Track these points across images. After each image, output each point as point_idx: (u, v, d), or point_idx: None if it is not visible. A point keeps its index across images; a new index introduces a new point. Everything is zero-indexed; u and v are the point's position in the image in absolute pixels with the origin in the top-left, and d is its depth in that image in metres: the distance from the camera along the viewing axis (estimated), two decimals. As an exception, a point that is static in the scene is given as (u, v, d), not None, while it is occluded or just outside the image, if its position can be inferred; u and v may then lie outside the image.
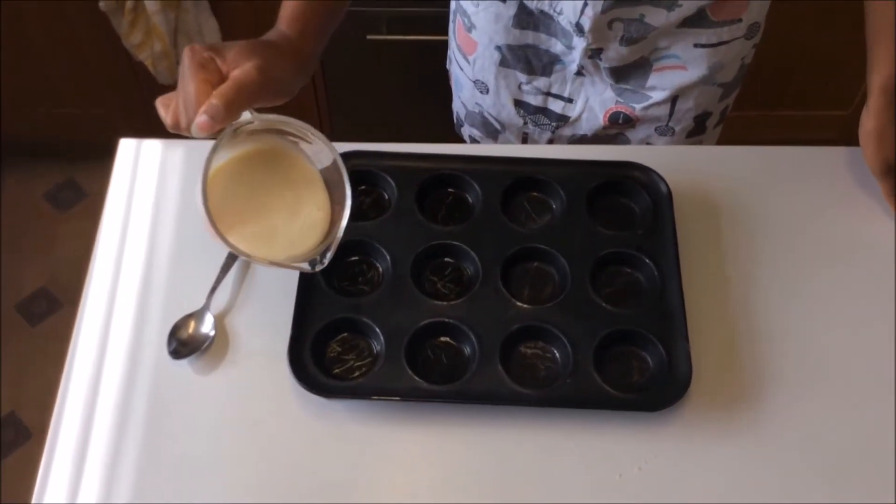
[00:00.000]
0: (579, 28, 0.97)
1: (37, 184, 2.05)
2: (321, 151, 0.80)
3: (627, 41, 0.98)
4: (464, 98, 1.20)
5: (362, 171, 0.98)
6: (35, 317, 1.88)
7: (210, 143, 0.75)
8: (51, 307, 1.89)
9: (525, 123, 1.16)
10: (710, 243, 0.97)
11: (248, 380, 0.87)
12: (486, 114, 1.18)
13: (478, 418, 0.85)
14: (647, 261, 0.92)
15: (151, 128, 0.93)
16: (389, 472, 0.83)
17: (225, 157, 0.78)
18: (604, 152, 1.03)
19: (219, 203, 0.75)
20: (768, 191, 1.01)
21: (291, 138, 0.80)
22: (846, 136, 1.04)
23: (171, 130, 0.78)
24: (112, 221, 0.97)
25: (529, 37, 1.03)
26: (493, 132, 1.21)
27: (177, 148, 1.03)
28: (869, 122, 0.95)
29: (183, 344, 0.87)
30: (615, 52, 1.00)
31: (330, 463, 0.83)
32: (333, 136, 0.82)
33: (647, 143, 1.13)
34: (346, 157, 0.97)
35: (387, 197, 0.98)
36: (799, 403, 0.86)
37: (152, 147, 1.03)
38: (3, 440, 1.71)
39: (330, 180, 0.82)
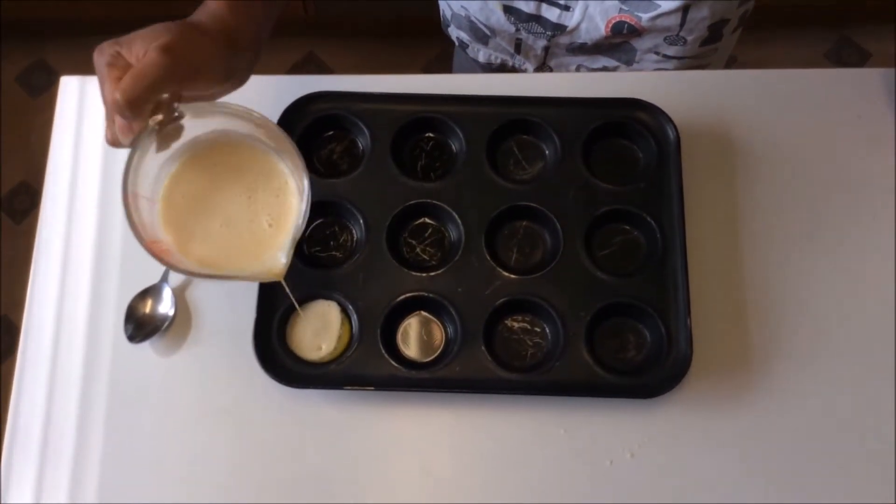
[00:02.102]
0: None
1: (7, 67, 1.92)
2: (268, 131, 0.70)
3: None
4: None
5: (331, 115, 0.87)
6: (19, 214, 1.82)
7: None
8: (34, 202, 1.81)
9: (517, 30, 1.02)
10: (720, 191, 0.87)
11: (214, 360, 0.81)
12: (473, 18, 1.04)
13: (461, 403, 0.79)
14: (649, 220, 0.83)
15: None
16: (367, 462, 0.78)
17: (157, 160, 0.67)
18: (603, 82, 0.92)
19: (171, 218, 0.68)
20: (790, 124, 0.89)
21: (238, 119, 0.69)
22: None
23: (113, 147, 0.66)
24: (57, 181, 0.88)
25: None
26: (482, 37, 1.07)
27: (124, 87, 0.92)
28: None
29: (141, 326, 0.81)
30: None
31: (303, 451, 0.79)
32: (317, 36, 0.71)
33: (655, 53, 1.00)
34: (312, 98, 0.87)
35: (360, 146, 0.87)
36: (805, 385, 0.80)
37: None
38: (1, 345, 1.69)
39: (285, 163, 0.72)
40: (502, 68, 1.11)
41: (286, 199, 0.71)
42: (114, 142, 0.65)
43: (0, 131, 1.87)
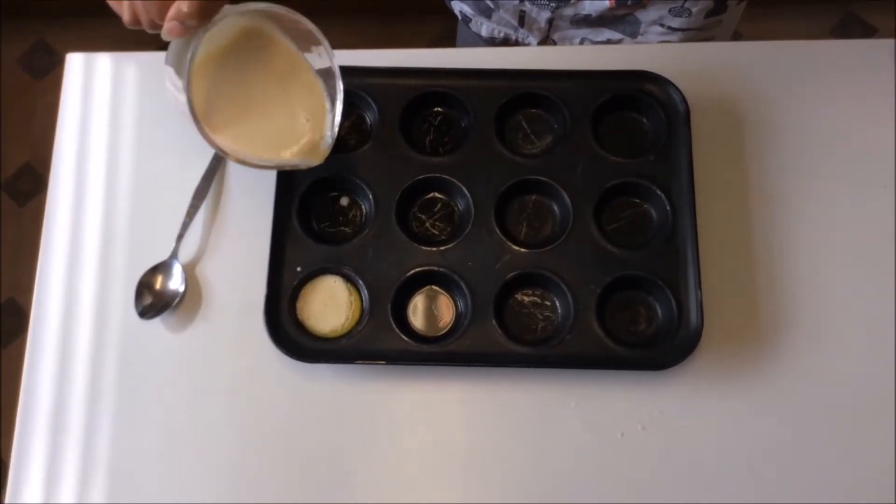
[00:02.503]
0: None
1: (8, 49, 1.91)
2: (310, 38, 0.73)
3: None
4: None
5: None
6: (22, 196, 1.81)
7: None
8: (38, 185, 1.81)
9: (521, 1, 1.01)
10: (729, 163, 0.86)
11: (225, 336, 0.81)
12: None
13: (472, 376, 0.79)
14: (659, 192, 0.82)
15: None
16: (378, 436, 0.79)
17: (203, 50, 0.70)
18: (608, 54, 0.91)
19: (202, 102, 0.71)
20: (799, 95, 0.88)
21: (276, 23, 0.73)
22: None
23: (130, 27, 0.69)
24: (64, 158, 0.88)
25: None
26: (485, 10, 1.07)
27: (130, 63, 0.92)
28: None
29: (151, 303, 0.81)
30: None
31: (314, 426, 0.79)
32: (319, 13, 0.73)
33: (660, 25, 0.99)
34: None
35: (368, 121, 0.87)
36: (817, 356, 0.80)
37: (102, 64, 0.92)
38: (4, 328, 1.69)
39: (319, 69, 0.76)
40: (505, 42, 1.10)
41: (319, 95, 0.76)
42: (133, 23, 0.68)
43: (1, 113, 1.86)
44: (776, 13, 1.82)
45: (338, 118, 0.77)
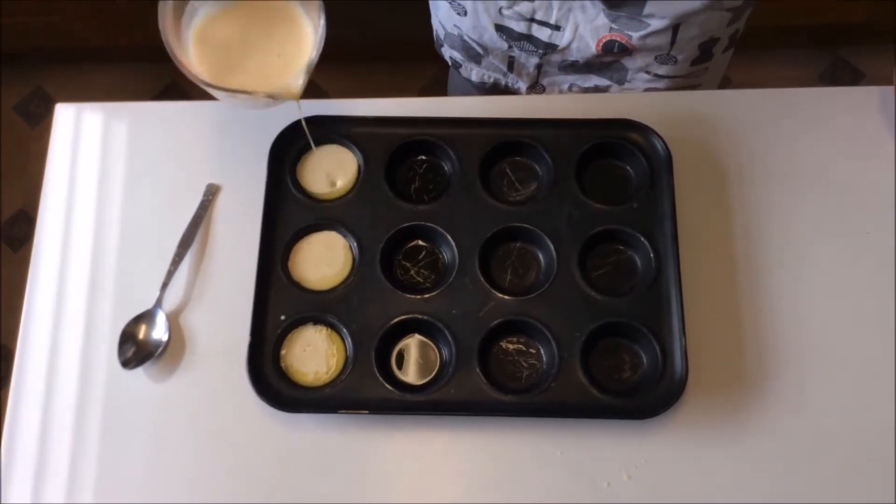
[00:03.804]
0: None
1: (6, 96, 1.93)
2: None
3: None
4: (441, 18, 1.07)
5: (325, 140, 0.88)
6: (17, 242, 1.82)
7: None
8: (32, 230, 1.81)
9: (510, 47, 1.03)
10: (713, 210, 0.87)
11: (208, 384, 0.81)
12: (465, 37, 1.05)
13: (457, 425, 0.79)
14: (643, 239, 0.83)
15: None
16: (362, 486, 0.78)
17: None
18: (594, 102, 0.92)
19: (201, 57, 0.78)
20: (782, 144, 0.89)
21: None
22: (874, 19, 0.90)
23: None
24: (51, 207, 0.89)
25: None
26: (475, 56, 1.08)
27: (118, 114, 0.93)
28: None
29: (135, 353, 0.81)
30: None
31: (298, 476, 0.78)
32: None
33: (647, 72, 1.00)
34: (306, 122, 0.87)
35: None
36: (803, 403, 0.79)
37: (92, 114, 0.93)
38: (-3, 374, 1.69)
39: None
40: (495, 87, 1.11)
41: (301, 37, 0.80)
42: None
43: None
44: (764, 59, 1.85)
45: (315, 54, 0.78)
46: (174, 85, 1.92)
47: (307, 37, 0.80)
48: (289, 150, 0.87)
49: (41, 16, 1.71)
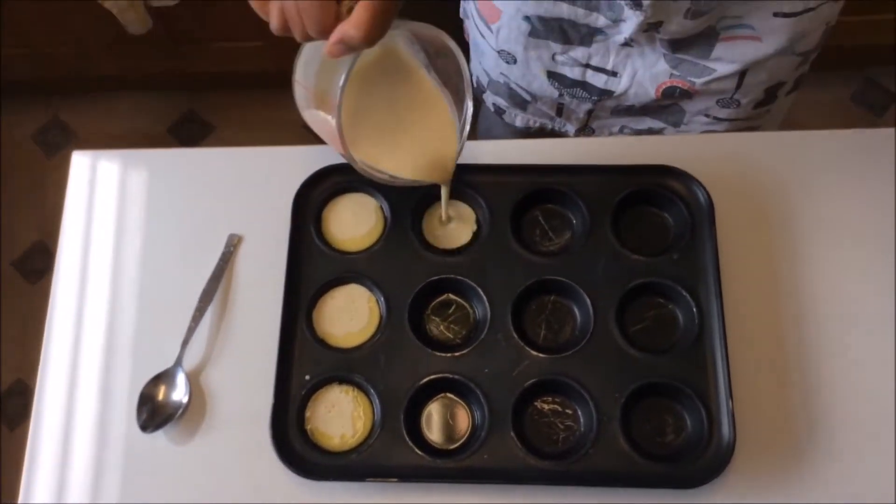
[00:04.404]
0: (635, 1, 0.79)
1: (22, 126, 1.91)
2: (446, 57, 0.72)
3: (694, 14, 0.80)
4: (486, 66, 1.02)
5: (349, 188, 0.84)
6: (33, 274, 1.80)
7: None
8: (48, 262, 1.79)
9: (560, 95, 0.98)
10: (760, 260, 0.82)
11: (230, 449, 0.78)
12: (513, 85, 1.00)
13: (490, 492, 0.75)
14: (684, 293, 0.79)
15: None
16: (391, 557, 0.74)
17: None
18: (631, 147, 0.88)
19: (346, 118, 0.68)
20: (835, 189, 0.85)
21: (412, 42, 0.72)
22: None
23: (276, 34, 0.64)
24: (68, 262, 0.86)
25: (564, 9, 0.84)
26: (521, 102, 1.03)
27: (136, 161, 0.90)
28: None
29: (154, 414, 0.77)
30: (678, 26, 0.82)
31: (325, 546, 0.74)
32: None
33: (706, 115, 0.95)
34: (327, 171, 0.84)
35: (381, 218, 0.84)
36: (860, 470, 0.75)
37: (109, 163, 0.90)
38: (11, 411, 1.66)
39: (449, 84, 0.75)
40: (541, 131, 1.07)
41: (444, 114, 0.75)
42: (282, 30, 0.63)
43: (16, 190, 1.86)
44: (795, 81, 1.80)
45: (465, 135, 0.76)
46: (191, 113, 1.90)
47: (444, 108, 0.75)
48: (313, 198, 0.84)
49: (58, 45, 1.69)
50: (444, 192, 0.80)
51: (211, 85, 1.88)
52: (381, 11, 0.58)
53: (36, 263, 1.80)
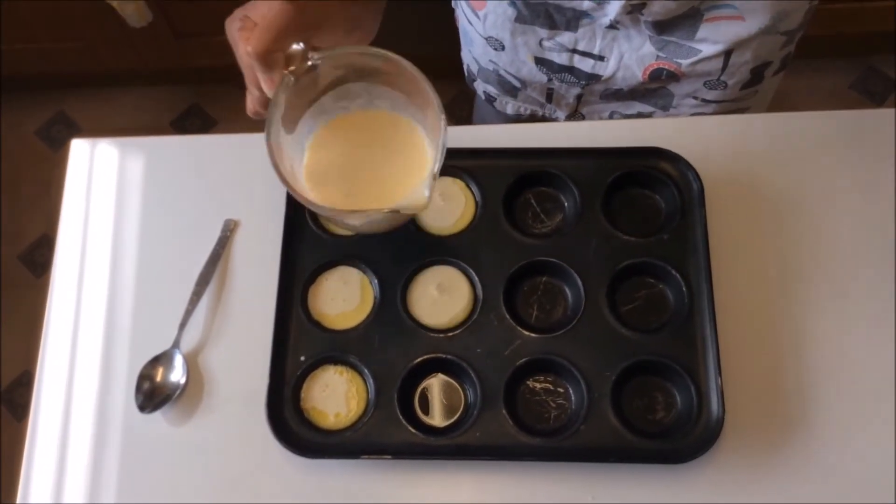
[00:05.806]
0: None
1: (28, 121, 1.93)
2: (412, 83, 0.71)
3: None
4: (475, 53, 1.03)
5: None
6: (39, 267, 1.82)
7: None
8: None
9: (549, 80, 0.99)
10: (749, 240, 0.83)
11: (227, 427, 0.79)
12: (502, 72, 1.01)
13: (483, 469, 0.76)
14: (675, 273, 0.79)
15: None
16: (386, 533, 0.75)
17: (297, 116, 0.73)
18: (622, 131, 0.88)
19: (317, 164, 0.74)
20: (824, 170, 0.85)
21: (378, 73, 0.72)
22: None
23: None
24: (67, 245, 0.87)
25: None
26: (511, 90, 1.04)
27: (134, 148, 0.91)
28: None
29: (152, 396, 0.79)
30: (661, 7, 0.83)
31: (320, 523, 0.76)
32: None
33: (694, 98, 0.96)
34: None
35: (373, 202, 0.85)
36: (848, 446, 0.75)
37: (107, 149, 0.91)
38: (17, 402, 1.68)
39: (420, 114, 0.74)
40: (532, 118, 1.08)
41: (421, 150, 0.75)
42: (255, 112, 0.70)
43: (21, 184, 1.88)
44: (794, 70, 1.80)
45: (437, 169, 0.70)
46: (195, 107, 1.92)
47: (421, 145, 0.75)
48: (307, 183, 0.85)
49: (62, 41, 1.71)
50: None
51: (215, 79, 1.89)
52: (266, 23, 0.64)
53: (42, 257, 1.82)
